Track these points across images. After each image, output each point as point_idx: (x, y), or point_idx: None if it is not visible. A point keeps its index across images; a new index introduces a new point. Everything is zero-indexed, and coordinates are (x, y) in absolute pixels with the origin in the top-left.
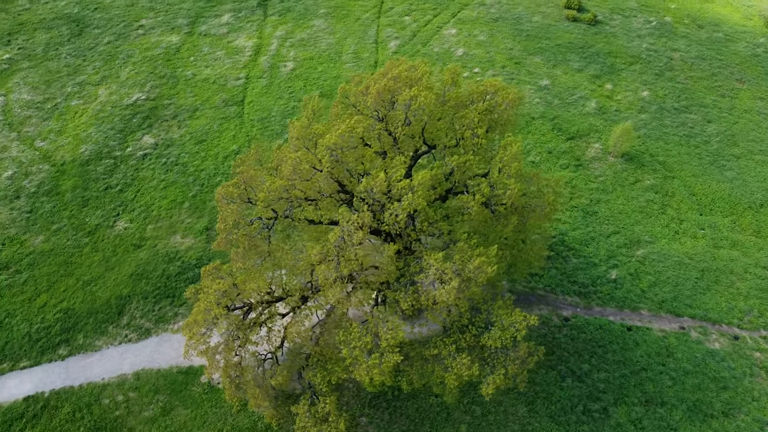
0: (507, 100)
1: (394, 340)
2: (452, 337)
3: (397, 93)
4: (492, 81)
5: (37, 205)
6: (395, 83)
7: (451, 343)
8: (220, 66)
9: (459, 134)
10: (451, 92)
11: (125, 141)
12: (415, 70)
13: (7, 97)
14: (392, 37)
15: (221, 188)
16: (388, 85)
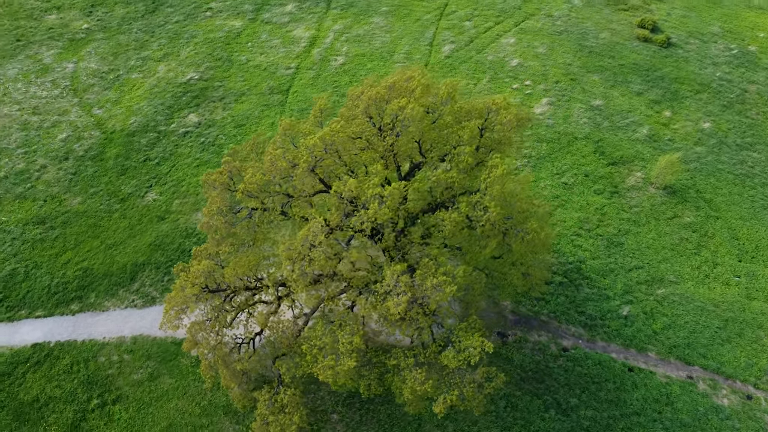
0: (506, 120)
1: (350, 345)
2: (414, 350)
3: (388, 102)
4: (496, 98)
5: (81, 168)
6: (389, 92)
7: (412, 355)
8: (274, 54)
9: (447, 150)
10: (445, 107)
11: (171, 117)
12: (410, 81)
13: (78, 65)
14: (448, 41)
15: (205, 175)
16: (381, 93)
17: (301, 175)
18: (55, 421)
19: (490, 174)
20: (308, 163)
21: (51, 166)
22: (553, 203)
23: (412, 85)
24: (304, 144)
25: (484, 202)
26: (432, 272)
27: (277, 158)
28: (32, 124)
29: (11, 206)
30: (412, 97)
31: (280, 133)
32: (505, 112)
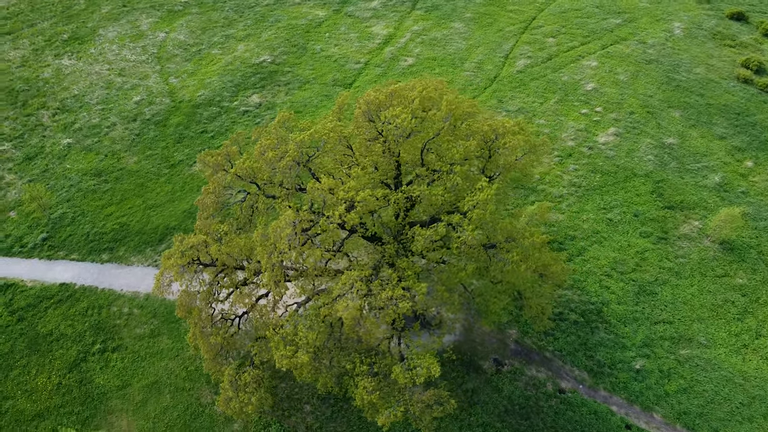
0: (511, 145)
1: (306, 340)
2: (371, 358)
3: (383, 109)
4: (506, 122)
5: (144, 131)
6: (389, 99)
7: (368, 363)
8: (347, 47)
9: (437, 166)
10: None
11: (236, 95)
12: (411, 91)
13: (168, 35)
14: (525, 56)
15: (201, 154)
16: (379, 99)
17: (283, 167)
18: (60, 356)
19: (476, 196)
20: (292, 157)
21: (120, 125)
22: (591, 239)
23: (412, 95)
24: (293, 138)
25: (463, 224)
26: (392, 284)
27: (266, 148)
28: (115, 84)
29: (77, 156)
30: (409, 108)
31: (276, 124)
32: (512, 138)
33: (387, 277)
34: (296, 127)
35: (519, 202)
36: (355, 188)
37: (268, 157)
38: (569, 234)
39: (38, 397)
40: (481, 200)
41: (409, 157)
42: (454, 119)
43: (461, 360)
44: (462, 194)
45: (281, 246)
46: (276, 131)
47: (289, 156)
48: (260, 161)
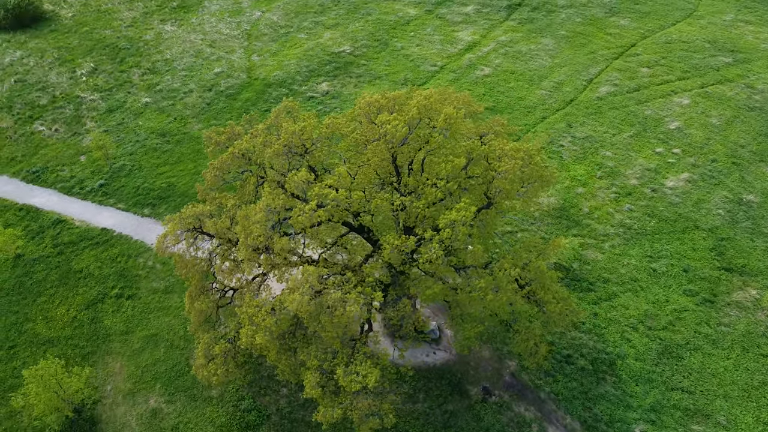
0: (504, 170)
1: (263, 322)
2: (325, 355)
3: (379, 113)
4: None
5: (215, 102)
6: (390, 103)
7: (321, 360)
8: (428, 49)
9: (424, 178)
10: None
11: (308, 80)
12: (413, 98)
13: (264, 15)
14: (611, 83)
15: (207, 131)
16: (380, 102)
17: (271, 154)
18: (82, 293)
19: (449, 215)
20: (282, 144)
21: (196, 92)
22: (626, 285)
23: (411, 103)
24: (285, 128)
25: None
26: (348, 287)
27: (258, 133)
28: (203, 54)
29: (150, 115)
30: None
31: (278, 110)
32: (508, 161)
33: (347, 279)
34: (299, 117)
35: (559, 232)
36: (334, 186)
37: (259, 142)
38: (603, 276)
39: (54, 326)
40: (455, 220)
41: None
42: (452, 134)
43: (449, 380)
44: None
45: (253, 229)
46: (275, 118)
47: (279, 143)
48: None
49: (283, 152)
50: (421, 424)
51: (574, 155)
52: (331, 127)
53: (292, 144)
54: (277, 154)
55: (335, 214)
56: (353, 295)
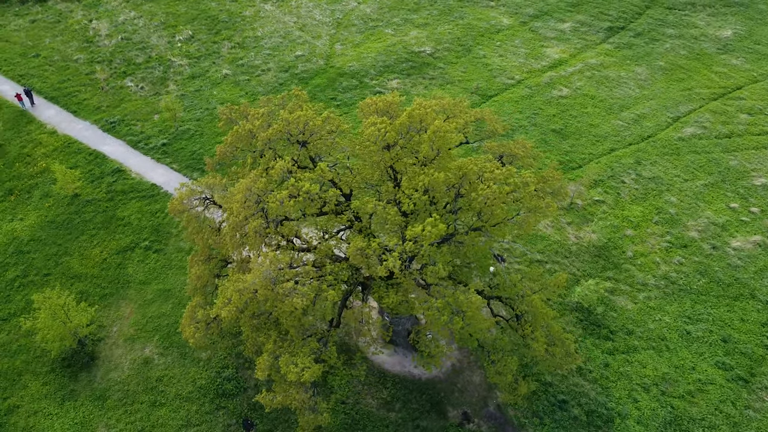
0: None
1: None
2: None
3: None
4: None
5: (288, 82)
6: (387, 107)
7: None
8: (511, 61)
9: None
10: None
11: (381, 75)
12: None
13: (359, 6)
14: (699, 124)
15: (223, 107)
16: (377, 105)
17: (265, 139)
18: (117, 240)
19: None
20: (275, 131)
21: (273, 71)
22: (651, 342)
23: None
24: (282, 116)
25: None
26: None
27: (258, 116)
28: (290, 36)
29: (226, 86)
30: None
31: (283, 97)
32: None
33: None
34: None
35: (593, 272)
36: (310, 179)
37: (257, 125)
38: (627, 327)
39: (86, 263)
40: (420, 235)
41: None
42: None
43: (431, 397)
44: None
45: (233, 207)
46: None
47: (274, 129)
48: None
49: (276, 138)
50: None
51: (633, 194)
52: (329, 122)
53: (286, 131)
54: (270, 138)
55: (307, 208)
56: (306, 289)
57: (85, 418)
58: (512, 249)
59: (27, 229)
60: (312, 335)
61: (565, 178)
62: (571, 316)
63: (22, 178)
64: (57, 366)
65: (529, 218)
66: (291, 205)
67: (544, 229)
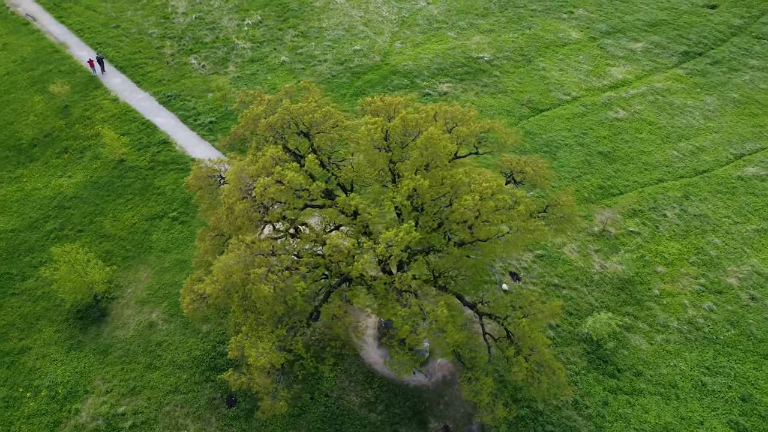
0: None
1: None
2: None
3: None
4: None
5: (340, 75)
6: (386, 106)
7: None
8: (570, 76)
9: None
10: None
11: (433, 77)
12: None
13: (427, 6)
14: (764, 165)
15: (239, 91)
16: (378, 105)
17: (265, 126)
18: (149, 207)
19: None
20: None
21: (329, 63)
22: (659, 388)
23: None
24: (285, 106)
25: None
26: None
27: (261, 102)
28: (353, 30)
29: (281, 73)
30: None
31: (291, 87)
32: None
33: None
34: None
35: (612, 306)
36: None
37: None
38: (637, 368)
39: (116, 225)
40: (393, 239)
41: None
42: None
43: (414, 405)
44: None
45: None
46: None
47: (275, 117)
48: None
49: (278, 125)
50: None
51: (673, 230)
52: (328, 116)
53: (288, 120)
54: (271, 125)
55: (287, 198)
56: (276, 277)
57: (85, 368)
58: (530, 269)
59: (72, 186)
60: (285, 324)
61: (601, 204)
62: (578, 347)
63: (79, 138)
64: (71, 317)
65: (516, 239)
66: (273, 191)
67: (569, 253)
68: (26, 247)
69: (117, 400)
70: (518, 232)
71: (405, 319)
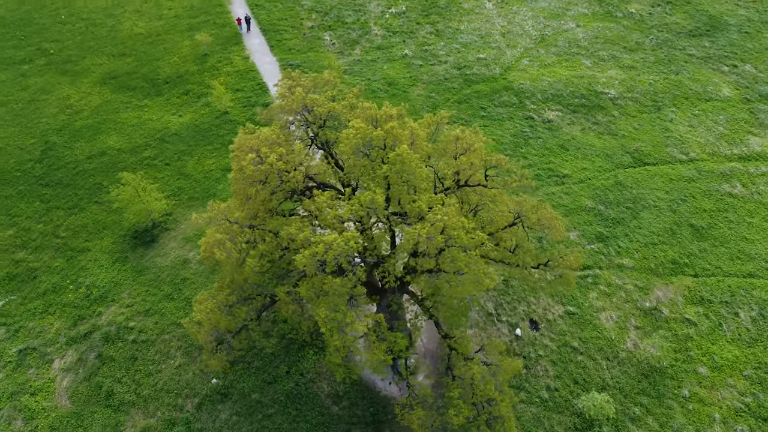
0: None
1: None
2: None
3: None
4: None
5: (452, 79)
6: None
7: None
8: (698, 135)
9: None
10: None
11: (544, 102)
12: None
13: (574, 29)
14: None
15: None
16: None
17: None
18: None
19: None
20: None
21: (447, 65)
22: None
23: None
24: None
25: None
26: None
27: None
28: (488, 38)
29: (398, 66)
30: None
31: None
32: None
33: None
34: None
35: (626, 389)
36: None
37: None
38: None
39: (196, 168)
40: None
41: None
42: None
43: (376, 414)
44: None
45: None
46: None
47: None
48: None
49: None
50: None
51: (739, 333)
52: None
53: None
54: (282, 110)
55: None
56: (230, 245)
57: (120, 280)
58: (554, 322)
59: (178, 124)
60: (244, 294)
61: (665, 280)
62: (569, 419)
63: (201, 85)
64: (128, 235)
65: (465, 280)
66: (253, 169)
67: (604, 320)
68: (122, 166)
69: (132, 315)
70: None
71: (325, 322)
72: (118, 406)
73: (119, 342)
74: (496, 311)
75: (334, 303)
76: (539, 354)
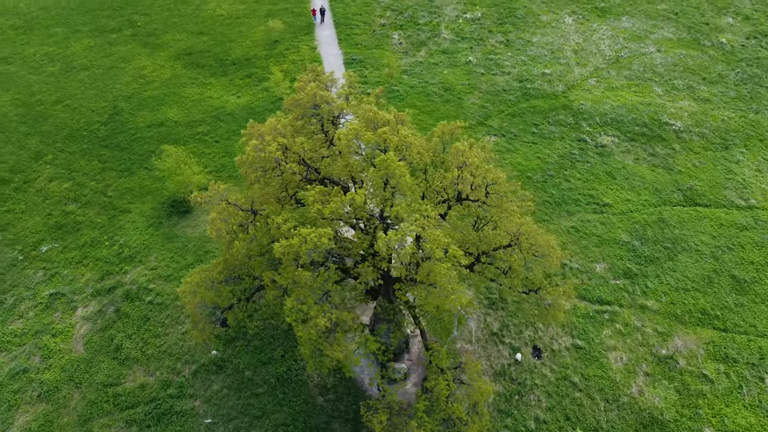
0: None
1: None
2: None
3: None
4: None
5: (511, 90)
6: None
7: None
8: (764, 181)
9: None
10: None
11: (601, 126)
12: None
13: (652, 54)
14: None
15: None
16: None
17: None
18: None
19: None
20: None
21: (509, 76)
22: None
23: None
24: (311, 87)
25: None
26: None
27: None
28: (558, 53)
29: (460, 72)
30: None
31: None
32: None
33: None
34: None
35: None
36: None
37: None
38: None
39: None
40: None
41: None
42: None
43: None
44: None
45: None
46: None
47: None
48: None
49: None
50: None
51: (759, 400)
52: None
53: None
54: (295, 103)
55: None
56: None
57: (151, 244)
58: (559, 354)
59: (234, 105)
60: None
61: (690, 329)
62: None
63: (266, 70)
64: (166, 202)
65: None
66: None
67: (613, 360)
68: (175, 138)
69: (153, 278)
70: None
71: (290, 312)
72: (124, 360)
73: (137, 301)
74: (501, 332)
75: (303, 295)
76: (535, 383)
